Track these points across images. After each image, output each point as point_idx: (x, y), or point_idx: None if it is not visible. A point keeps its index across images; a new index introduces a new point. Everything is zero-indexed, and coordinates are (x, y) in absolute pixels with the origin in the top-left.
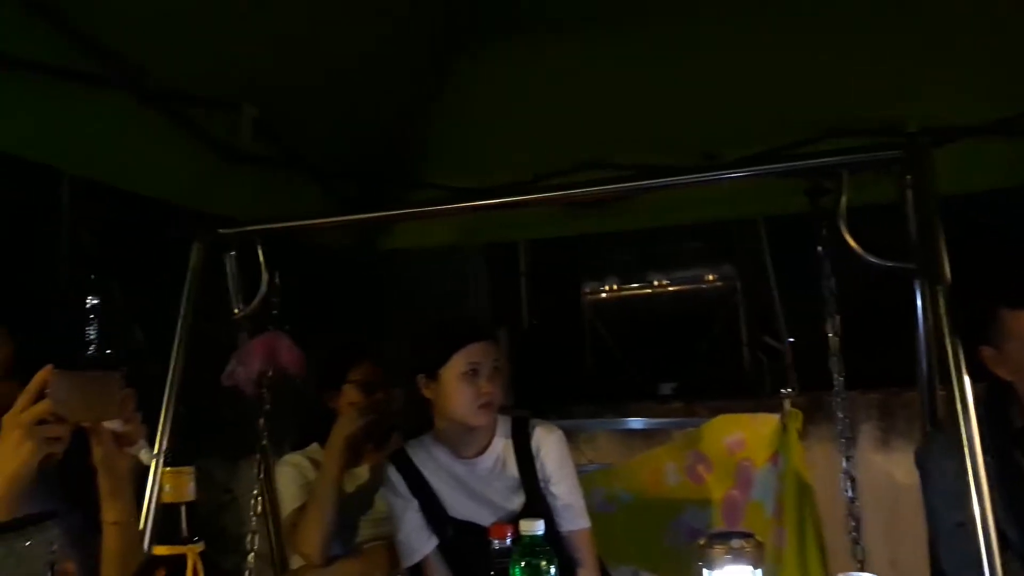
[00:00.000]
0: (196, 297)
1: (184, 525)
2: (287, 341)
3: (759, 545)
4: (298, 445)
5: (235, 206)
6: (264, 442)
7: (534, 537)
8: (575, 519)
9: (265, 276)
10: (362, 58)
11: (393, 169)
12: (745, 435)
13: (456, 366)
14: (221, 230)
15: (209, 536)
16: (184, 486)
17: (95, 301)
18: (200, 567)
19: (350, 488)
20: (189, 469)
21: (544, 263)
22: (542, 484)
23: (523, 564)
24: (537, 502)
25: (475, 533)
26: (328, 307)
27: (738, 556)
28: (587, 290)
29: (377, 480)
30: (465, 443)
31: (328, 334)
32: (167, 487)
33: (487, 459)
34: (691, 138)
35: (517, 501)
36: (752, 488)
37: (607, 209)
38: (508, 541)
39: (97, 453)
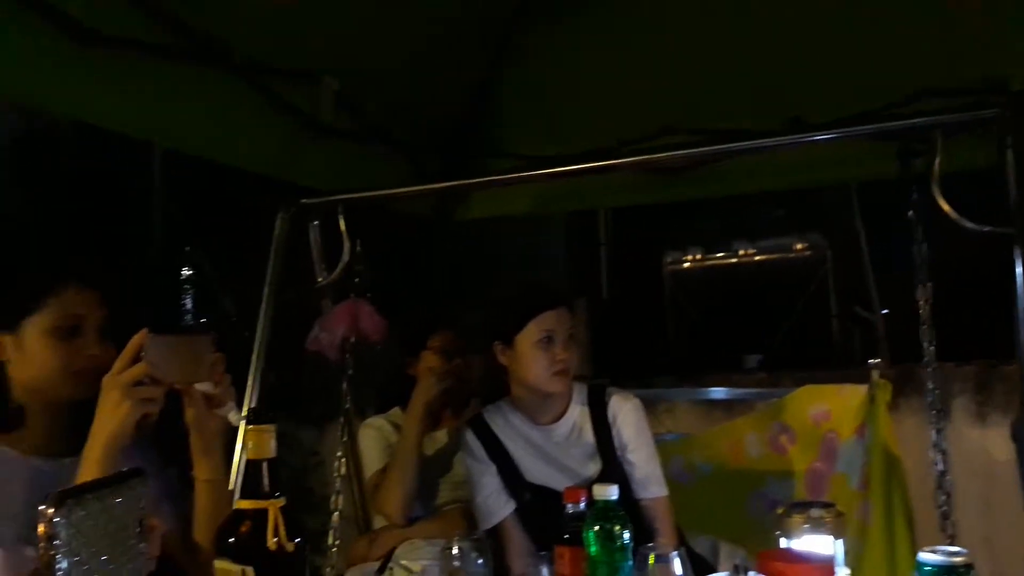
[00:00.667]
0: (281, 266)
1: (266, 480)
2: (368, 308)
3: (840, 516)
4: (381, 409)
5: (318, 177)
6: (347, 406)
7: (608, 502)
8: (652, 487)
9: (347, 245)
10: (441, 29)
11: (472, 139)
12: (831, 406)
13: (531, 333)
14: (304, 200)
15: (296, 496)
16: (266, 443)
17: (188, 271)
18: (281, 521)
19: (430, 452)
20: (271, 427)
21: (624, 232)
22: (618, 452)
23: (596, 528)
24: (613, 469)
25: (551, 497)
26: (409, 275)
27: (817, 526)
28: (669, 259)
29: (455, 444)
30: (541, 410)
31: (409, 302)
32: (250, 444)
33: (563, 425)
34: (776, 101)
35: (593, 468)
36: (837, 460)
37: (689, 176)
38: (582, 505)
39: (189, 414)
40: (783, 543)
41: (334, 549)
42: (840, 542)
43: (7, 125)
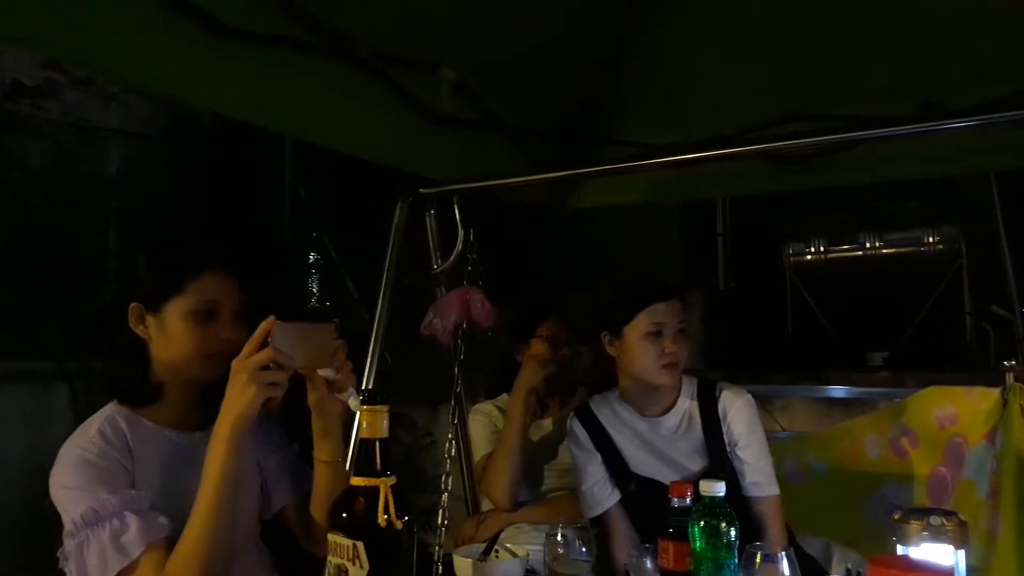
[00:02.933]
0: (399, 253)
1: (378, 459)
2: (480, 295)
3: (962, 525)
4: (491, 394)
5: (436, 166)
6: (458, 389)
7: (714, 498)
8: (763, 485)
9: (461, 233)
10: (560, 17)
11: (588, 127)
12: (958, 410)
13: (640, 325)
14: (422, 190)
15: (409, 475)
16: (379, 424)
17: (315, 257)
18: (391, 498)
19: (536, 438)
20: (384, 408)
21: (744, 222)
22: (728, 448)
23: (702, 524)
24: (720, 465)
25: (656, 489)
26: (522, 264)
27: (937, 534)
28: (791, 251)
29: (561, 432)
30: (648, 401)
31: (520, 290)
32: (364, 424)
33: (671, 419)
34: (908, 86)
35: (700, 463)
36: (964, 466)
37: (814, 165)
38: (687, 500)
39: (311, 398)
40: (899, 550)
41: (442, 528)
42: (962, 552)
43: (155, 119)
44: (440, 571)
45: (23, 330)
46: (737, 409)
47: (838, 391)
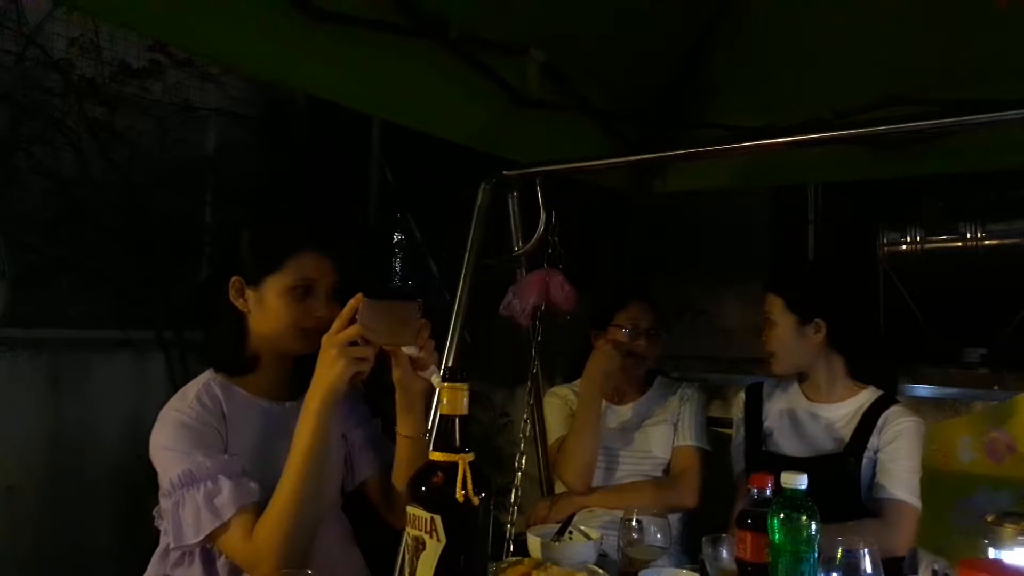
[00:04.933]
0: (482, 234)
1: (457, 436)
2: (560, 278)
3: None
4: (568, 378)
5: (521, 148)
6: (535, 370)
7: (795, 491)
8: (901, 490)
9: (543, 216)
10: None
11: (677, 110)
12: None
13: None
14: (505, 171)
15: (485, 453)
16: (459, 401)
17: (400, 236)
18: (469, 475)
19: (613, 424)
20: (465, 386)
21: (836, 209)
22: (869, 452)
23: (782, 516)
24: (848, 456)
25: (784, 462)
26: (604, 248)
27: None
28: (885, 241)
29: (639, 419)
30: (818, 389)
31: (601, 274)
32: (444, 400)
33: (839, 409)
34: (1018, 67)
35: (832, 446)
36: None
37: (913, 151)
38: (768, 491)
39: (395, 374)
40: (991, 553)
41: (515, 507)
42: None
43: (252, 100)
44: (512, 549)
45: (125, 300)
46: (899, 419)
47: (931, 390)
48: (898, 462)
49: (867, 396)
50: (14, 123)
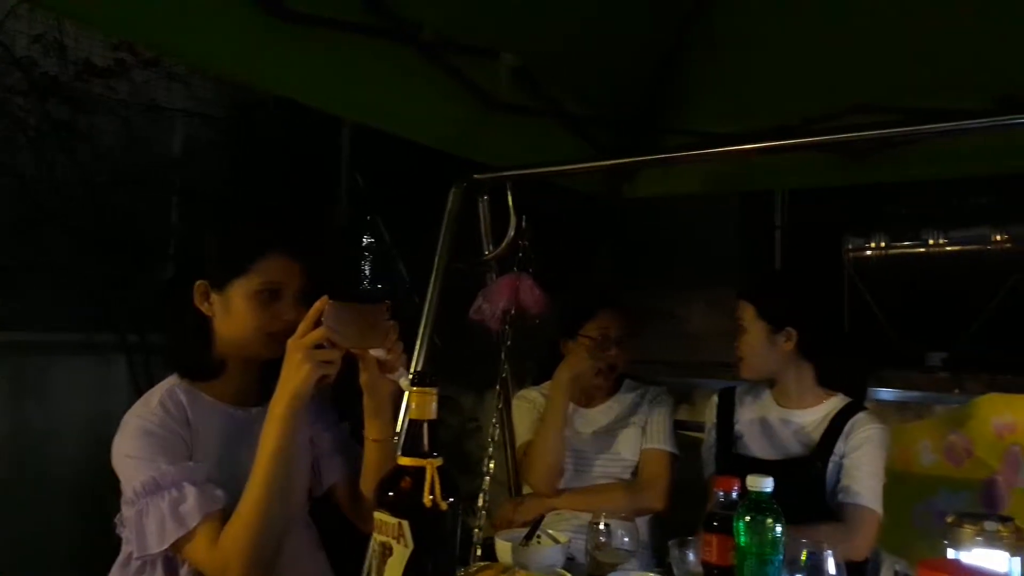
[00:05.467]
0: (452, 238)
1: (426, 440)
2: (530, 282)
3: (1019, 531)
4: (539, 381)
5: (492, 152)
6: (504, 375)
7: (760, 494)
8: (864, 496)
9: (513, 220)
10: (619, 5)
11: (647, 116)
12: (1017, 418)
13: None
14: (476, 175)
15: (454, 458)
16: (428, 405)
17: (369, 239)
18: (437, 480)
19: (582, 427)
20: (434, 390)
21: (803, 215)
22: (835, 457)
23: (748, 519)
24: (814, 460)
25: (752, 465)
26: (575, 252)
27: (992, 540)
28: (850, 247)
29: (609, 422)
30: (788, 396)
31: (571, 279)
32: (413, 405)
33: (808, 415)
34: (983, 77)
35: (799, 450)
36: (1020, 473)
37: (879, 158)
38: (734, 494)
39: (363, 377)
40: (950, 554)
41: (483, 511)
42: (1017, 560)
43: (219, 100)
44: (479, 554)
45: (87, 302)
46: (865, 426)
47: (894, 394)
48: (862, 468)
49: (836, 403)
50: None
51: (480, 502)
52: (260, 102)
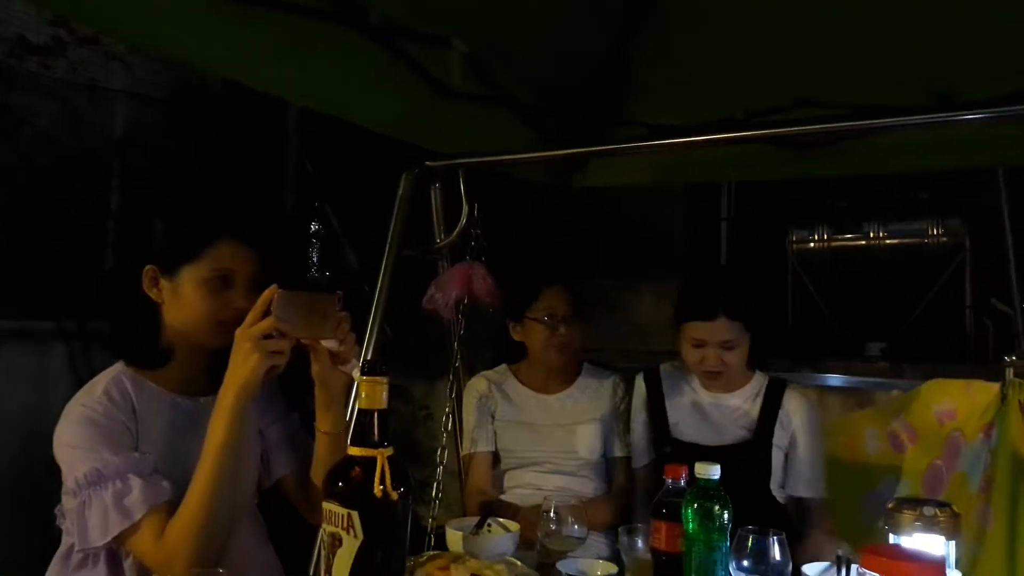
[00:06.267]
0: (403, 226)
1: (376, 430)
2: (482, 271)
3: (955, 516)
4: (490, 367)
5: (444, 140)
6: (456, 364)
7: (709, 481)
8: (817, 486)
9: (465, 208)
10: None
11: (598, 107)
12: (957, 404)
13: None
14: (428, 162)
15: (405, 447)
16: (378, 395)
17: (317, 226)
18: (388, 470)
19: (541, 417)
20: (384, 380)
21: (749, 208)
22: (778, 444)
23: (695, 506)
24: (760, 445)
25: (697, 452)
26: (527, 241)
27: (929, 525)
28: (794, 238)
29: (566, 413)
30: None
31: (524, 267)
32: (363, 394)
33: (734, 399)
34: (922, 76)
35: (741, 435)
36: (959, 459)
37: (822, 152)
38: (682, 482)
39: (314, 368)
40: (891, 539)
41: (436, 501)
42: (953, 544)
43: (161, 82)
44: (433, 543)
45: (23, 289)
46: (799, 408)
47: (835, 379)
48: (810, 458)
49: (760, 380)
50: None
51: (433, 492)
52: (203, 84)
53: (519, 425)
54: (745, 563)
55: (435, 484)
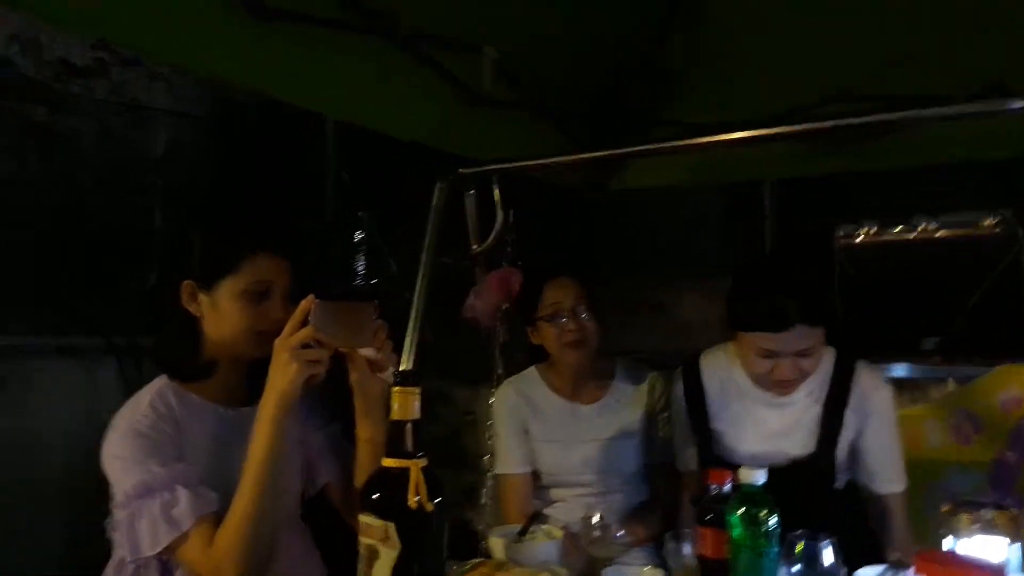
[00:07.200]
0: (438, 234)
1: (409, 441)
2: (519, 276)
3: (1015, 518)
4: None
5: (476, 147)
6: (499, 371)
7: (753, 486)
8: (891, 481)
9: (500, 214)
10: None
11: (632, 107)
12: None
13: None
14: (461, 170)
15: (451, 453)
16: (410, 405)
17: (361, 234)
18: (422, 481)
19: (579, 430)
20: (416, 390)
21: (791, 205)
22: (846, 434)
23: (741, 512)
24: (825, 452)
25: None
26: (562, 245)
27: (988, 528)
28: (840, 234)
29: (606, 425)
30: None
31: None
32: (395, 405)
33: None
34: (974, 64)
35: (802, 445)
36: None
37: (866, 146)
38: (727, 487)
39: (353, 376)
40: (948, 542)
41: (484, 505)
42: (1016, 547)
43: (201, 99)
44: (485, 549)
45: (71, 307)
46: (874, 398)
47: (898, 369)
48: (890, 447)
49: (827, 359)
50: None
51: (482, 497)
52: (244, 100)
53: (554, 444)
54: (795, 569)
55: (484, 491)
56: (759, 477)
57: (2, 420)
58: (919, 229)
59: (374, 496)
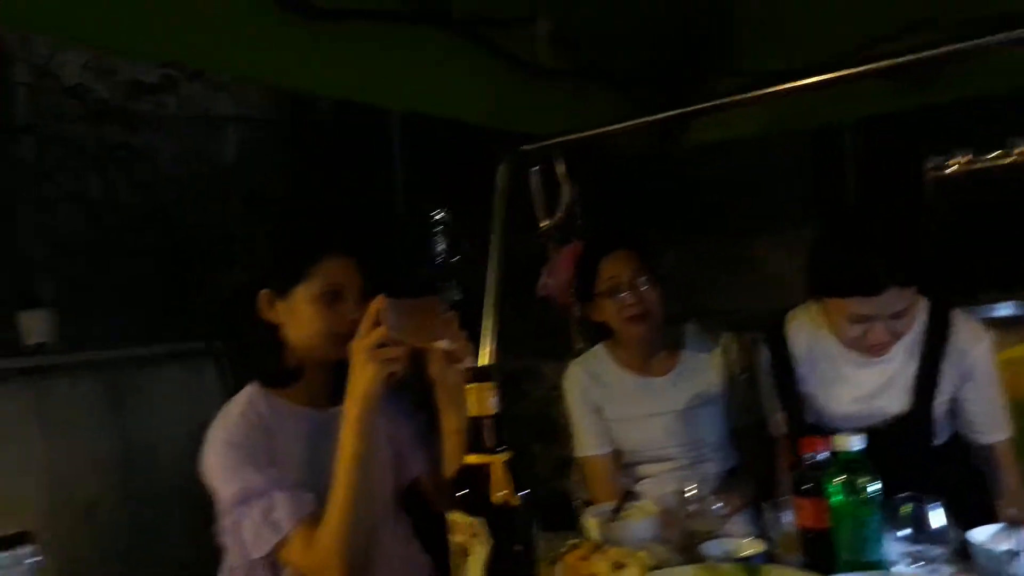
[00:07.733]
0: (506, 214)
1: (486, 436)
2: None
3: None
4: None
5: (538, 122)
6: (580, 346)
7: (850, 453)
8: (997, 428)
9: (565, 188)
10: None
11: (695, 62)
12: None
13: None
14: (523, 147)
15: (543, 428)
16: (486, 400)
17: (438, 226)
18: (505, 475)
19: (653, 403)
20: (490, 385)
21: (875, 143)
22: (946, 388)
23: (840, 479)
24: (922, 409)
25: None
26: (636, 213)
27: None
28: (930, 165)
29: (681, 395)
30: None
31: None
32: (470, 402)
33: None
34: None
35: (899, 402)
36: None
37: (951, 75)
38: (822, 454)
39: (432, 369)
40: None
41: (578, 482)
42: None
43: (267, 105)
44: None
45: (170, 315)
46: (974, 349)
47: (1001, 309)
48: (993, 395)
49: (921, 311)
50: (39, 152)
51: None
52: (310, 102)
53: (632, 421)
54: (902, 534)
55: (575, 466)
56: (856, 443)
57: (120, 430)
58: (1016, 152)
59: (459, 494)
